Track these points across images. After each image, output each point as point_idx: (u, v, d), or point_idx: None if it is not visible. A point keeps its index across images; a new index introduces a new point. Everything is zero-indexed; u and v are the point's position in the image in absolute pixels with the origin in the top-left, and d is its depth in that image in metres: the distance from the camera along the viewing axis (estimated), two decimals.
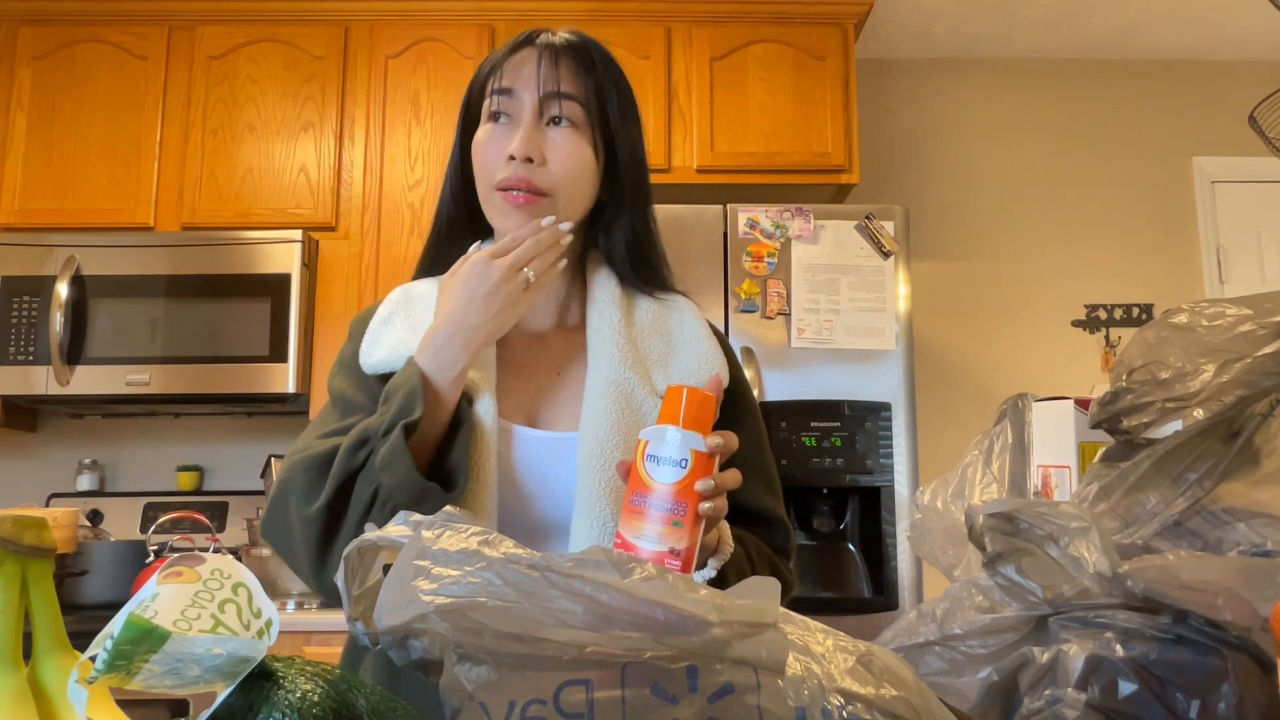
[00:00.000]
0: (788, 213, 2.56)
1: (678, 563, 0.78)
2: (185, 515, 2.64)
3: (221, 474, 3.07)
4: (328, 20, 2.93)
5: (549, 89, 1.02)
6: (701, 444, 0.80)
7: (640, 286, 1.11)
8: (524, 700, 0.43)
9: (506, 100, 1.03)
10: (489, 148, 1.03)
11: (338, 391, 1.07)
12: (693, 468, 0.79)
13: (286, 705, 0.48)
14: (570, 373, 1.07)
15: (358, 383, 1.06)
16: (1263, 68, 3.41)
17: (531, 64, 1.03)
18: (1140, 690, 0.55)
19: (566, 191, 1.03)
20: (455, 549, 0.47)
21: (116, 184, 2.84)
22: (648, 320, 1.09)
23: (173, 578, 0.53)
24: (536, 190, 1.01)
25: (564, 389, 1.06)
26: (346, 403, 1.05)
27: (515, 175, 1.00)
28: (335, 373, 1.10)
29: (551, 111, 1.02)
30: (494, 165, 1.02)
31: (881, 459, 2.46)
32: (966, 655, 0.63)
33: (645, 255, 1.12)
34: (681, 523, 0.79)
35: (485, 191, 1.04)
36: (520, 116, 1.03)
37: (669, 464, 0.79)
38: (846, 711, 0.44)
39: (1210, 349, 0.66)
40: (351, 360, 1.08)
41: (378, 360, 1.04)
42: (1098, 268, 3.36)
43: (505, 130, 1.03)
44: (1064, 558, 0.58)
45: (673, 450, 0.79)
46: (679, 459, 0.79)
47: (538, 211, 1.01)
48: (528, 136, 1.01)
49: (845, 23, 2.96)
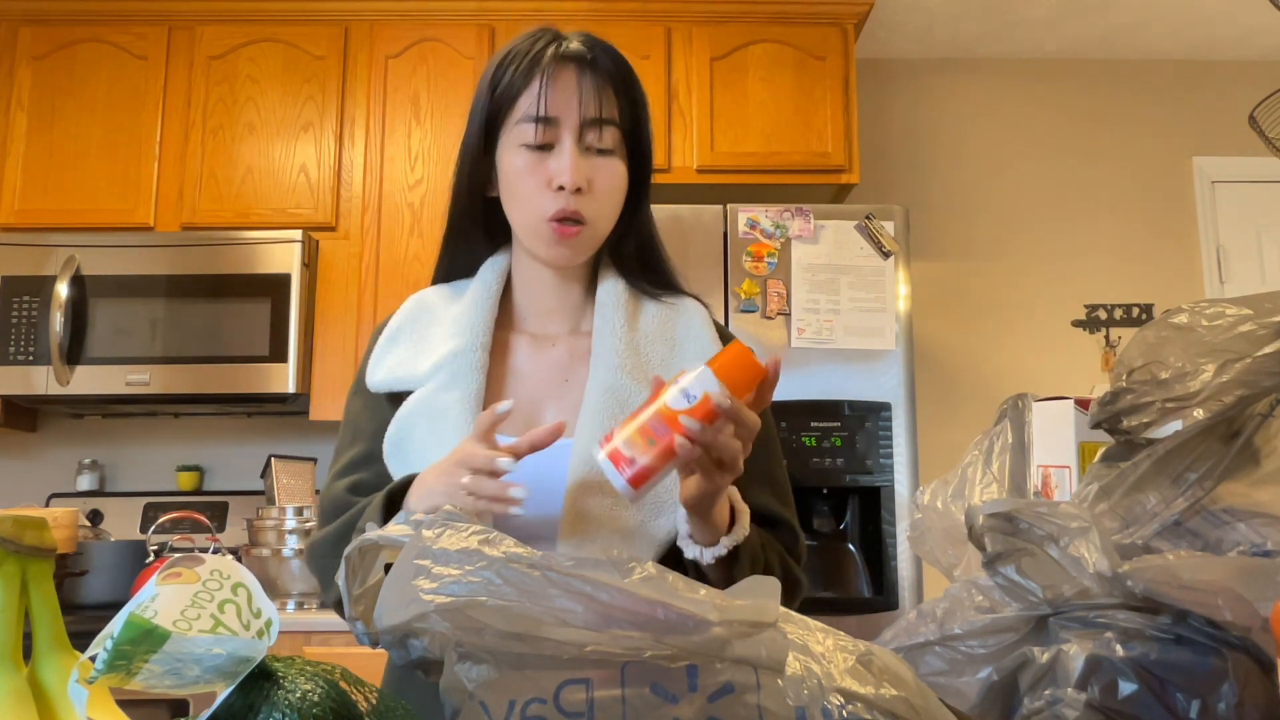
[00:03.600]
0: (788, 213, 2.56)
1: (630, 471, 0.82)
2: (185, 515, 2.64)
3: (221, 474, 3.07)
4: (328, 20, 2.93)
5: (591, 114, 1.01)
6: (716, 389, 0.82)
7: (648, 290, 1.11)
8: (524, 699, 0.43)
9: (548, 129, 1.01)
10: (533, 177, 1.01)
11: (350, 416, 1.11)
12: (696, 406, 0.82)
13: (286, 705, 0.48)
14: (576, 380, 1.07)
15: (366, 404, 1.08)
16: (1263, 68, 3.41)
17: (571, 86, 1.01)
18: (1140, 690, 0.55)
19: (607, 218, 1.05)
20: (455, 548, 0.47)
21: (116, 184, 2.84)
22: (653, 325, 1.09)
23: (172, 578, 0.53)
24: (584, 220, 1.01)
25: (567, 396, 1.06)
26: (355, 431, 1.08)
27: (567, 207, 1.00)
28: (352, 391, 1.12)
29: (593, 138, 1.02)
30: (540, 195, 1.01)
31: (881, 459, 2.46)
32: (966, 655, 0.63)
33: (653, 257, 1.12)
34: (655, 442, 0.82)
35: (531, 221, 1.03)
36: (560, 142, 1.01)
37: (681, 393, 0.83)
38: (846, 711, 0.44)
39: (1210, 349, 0.66)
40: (363, 378, 1.10)
41: (380, 380, 1.07)
42: (1098, 267, 3.36)
43: (544, 157, 1.01)
44: (1064, 558, 0.58)
45: (690, 383, 0.83)
46: (692, 393, 0.83)
47: (581, 242, 1.03)
48: (576, 166, 0.99)
49: (845, 23, 2.96)
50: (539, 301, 1.11)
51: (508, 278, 1.13)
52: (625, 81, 1.05)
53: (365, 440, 1.07)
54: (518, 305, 1.12)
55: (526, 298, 1.12)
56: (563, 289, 1.11)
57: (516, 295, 1.12)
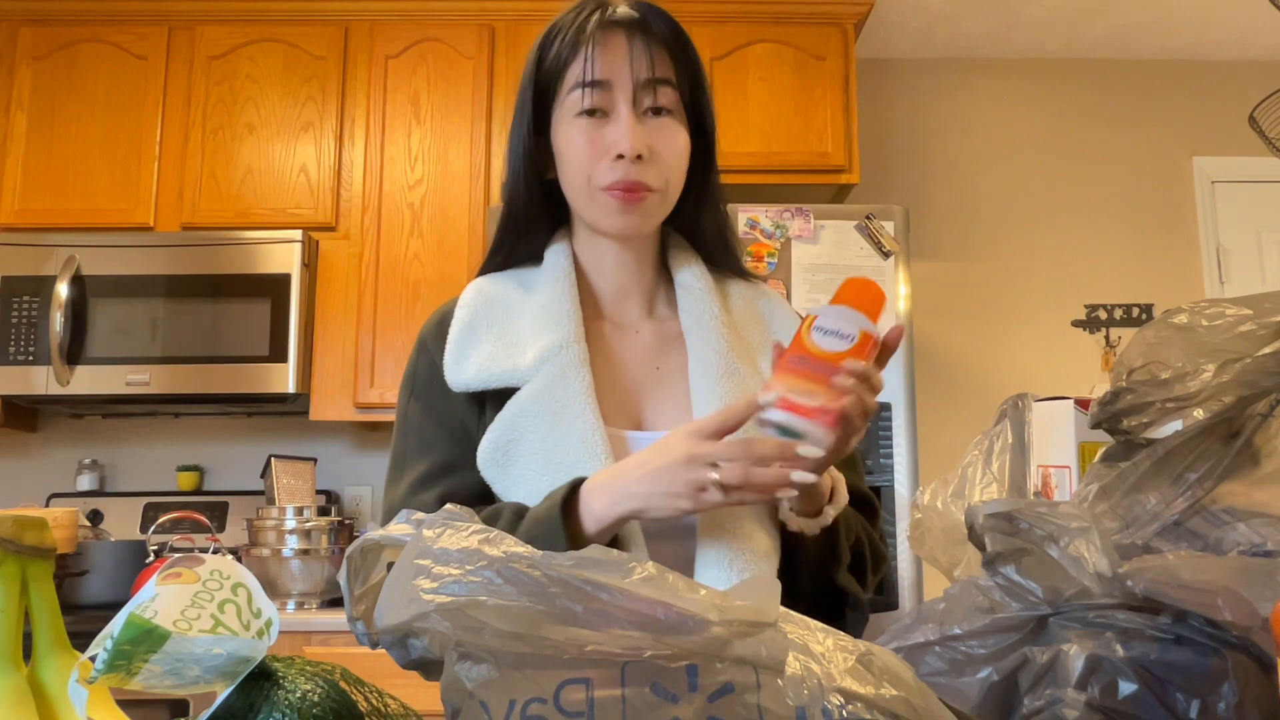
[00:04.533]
0: (788, 213, 2.56)
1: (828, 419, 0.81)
2: (185, 515, 2.64)
3: (221, 474, 3.07)
4: (328, 20, 2.93)
5: (644, 76, 0.95)
6: (872, 326, 0.84)
7: (729, 272, 1.07)
8: (524, 699, 0.43)
9: (600, 94, 0.95)
10: (587, 145, 0.96)
11: (412, 424, 1.01)
12: (858, 344, 0.83)
13: (286, 705, 0.48)
14: (669, 366, 1.02)
15: (432, 409, 1.00)
16: (1263, 68, 3.41)
17: (622, 49, 0.95)
18: (1140, 690, 0.55)
19: (674, 185, 0.99)
20: (456, 548, 0.47)
21: (116, 184, 2.84)
22: (742, 306, 1.05)
23: (172, 578, 0.53)
24: (649, 187, 0.96)
25: (664, 384, 1.01)
26: (423, 440, 0.99)
27: (626, 175, 0.94)
28: (407, 396, 1.03)
29: (649, 101, 0.96)
30: (597, 164, 0.95)
31: (881, 459, 2.46)
32: (966, 655, 0.63)
33: (728, 238, 1.08)
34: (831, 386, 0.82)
35: (587, 191, 0.97)
36: (615, 108, 0.95)
37: (836, 336, 0.83)
38: (846, 711, 0.44)
39: (1210, 349, 0.66)
40: (427, 379, 1.01)
41: (470, 377, 0.98)
42: (1098, 267, 3.36)
43: (600, 124, 0.96)
44: (1064, 558, 0.58)
45: (844, 324, 0.84)
46: (848, 333, 0.83)
47: (649, 208, 0.97)
48: (634, 132, 0.94)
49: (845, 23, 2.96)
50: (612, 282, 1.05)
51: (575, 264, 1.06)
52: (680, 42, 0.99)
53: (441, 448, 0.99)
54: (590, 291, 1.06)
55: (599, 281, 1.05)
56: (635, 269, 1.05)
57: (589, 279, 1.06)
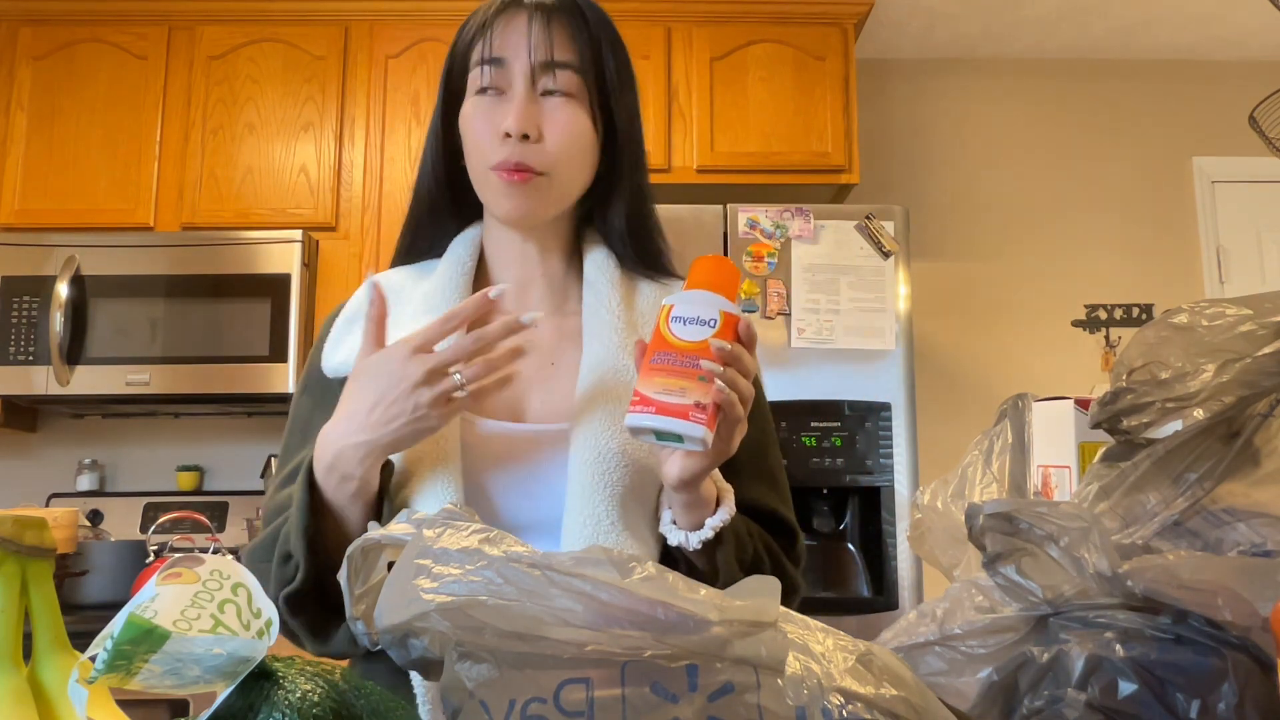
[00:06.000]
0: (788, 213, 2.56)
1: (704, 416, 0.78)
2: (185, 515, 2.64)
3: (221, 474, 3.07)
4: (328, 20, 2.93)
5: (542, 57, 0.93)
6: (730, 305, 0.80)
7: (641, 269, 1.04)
8: (524, 698, 0.43)
9: (496, 71, 0.94)
10: (480, 124, 0.94)
11: (299, 416, 1.00)
12: (721, 327, 0.80)
13: (286, 705, 0.48)
14: (564, 362, 0.99)
15: (319, 402, 0.98)
16: (1263, 68, 3.41)
17: (521, 29, 0.94)
18: (1140, 690, 0.55)
19: (565, 169, 0.96)
20: (456, 547, 0.47)
21: (116, 184, 2.84)
22: (650, 306, 1.02)
23: (172, 578, 0.53)
24: (534, 169, 0.93)
25: (555, 379, 0.98)
26: (305, 431, 0.97)
27: (511, 155, 0.92)
28: (300, 389, 1.02)
29: (545, 82, 0.94)
30: (487, 143, 0.94)
31: (881, 459, 2.46)
32: (966, 655, 0.63)
33: (646, 233, 1.04)
34: (707, 379, 0.78)
35: (480, 171, 0.96)
36: (512, 87, 0.94)
37: (696, 323, 0.80)
38: (846, 711, 0.44)
39: (1210, 349, 0.66)
40: (314, 369, 1.00)
41: (340, 362, 0.97)
42: (1098, 267, 3.36)
43: (496, 103, 0.94)
44: (1064, 558, 0.58)
45: (702, 309, 0.80)
46: (708, 318, 0.80)
47: (536, 191, 0.94)
48: (522, 111, 0.92)
49: (845, 23, 2.96)
50: (513, 273, 1.02)
51: (480, 255, 1.04)
52: (586, 21, 0.96)
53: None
54: (492, 282, 1.03)
55: (502, 273, 1.03)
56: (539, 260, 1.02)
57: (490, 270, 1.04)
